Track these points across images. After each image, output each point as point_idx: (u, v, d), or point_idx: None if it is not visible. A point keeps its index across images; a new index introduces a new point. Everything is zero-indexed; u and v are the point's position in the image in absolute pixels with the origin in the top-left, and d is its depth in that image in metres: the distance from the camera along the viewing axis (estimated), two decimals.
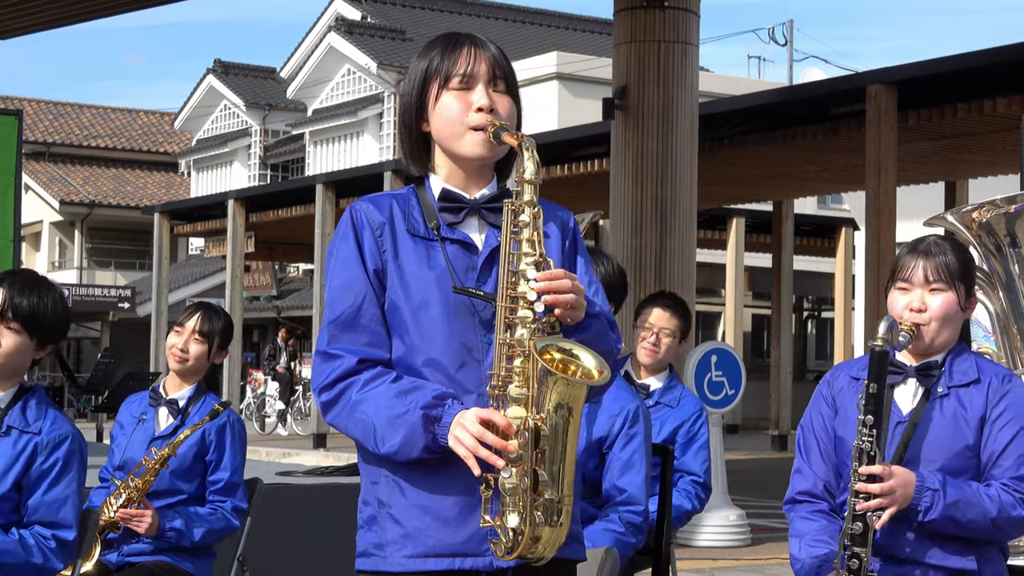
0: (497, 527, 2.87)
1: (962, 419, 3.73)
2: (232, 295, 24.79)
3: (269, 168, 43.64)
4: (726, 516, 11.41)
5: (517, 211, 2.94)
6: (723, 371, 11.33)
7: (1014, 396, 3.74)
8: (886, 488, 3.59)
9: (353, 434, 3.03)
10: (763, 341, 34.56)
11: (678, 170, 12.60)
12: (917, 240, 3.88)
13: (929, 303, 3.76)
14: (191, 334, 5.32)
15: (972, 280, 3.85)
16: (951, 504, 3.61)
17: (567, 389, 2.83)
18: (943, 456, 3.71)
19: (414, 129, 3.12)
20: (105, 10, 13.17)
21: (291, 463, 20.90)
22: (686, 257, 12.81)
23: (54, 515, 4.03)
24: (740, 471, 16.87)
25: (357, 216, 3.08)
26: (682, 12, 12.66)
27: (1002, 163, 16.92)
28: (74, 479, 4.07)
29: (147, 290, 36.35)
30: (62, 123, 48.88)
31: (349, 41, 38.43)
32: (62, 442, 4.05)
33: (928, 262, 3.77)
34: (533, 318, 2.88)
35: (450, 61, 3.06)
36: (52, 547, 4.02)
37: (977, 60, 13.27)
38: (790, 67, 42.12)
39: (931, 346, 3.78)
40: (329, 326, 3.05)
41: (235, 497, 5.28)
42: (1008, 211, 5.21)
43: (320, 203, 22.40)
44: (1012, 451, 3.70)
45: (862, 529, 3.63)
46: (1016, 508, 3.67)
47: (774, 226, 23.35)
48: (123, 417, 5.42)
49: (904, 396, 3.81)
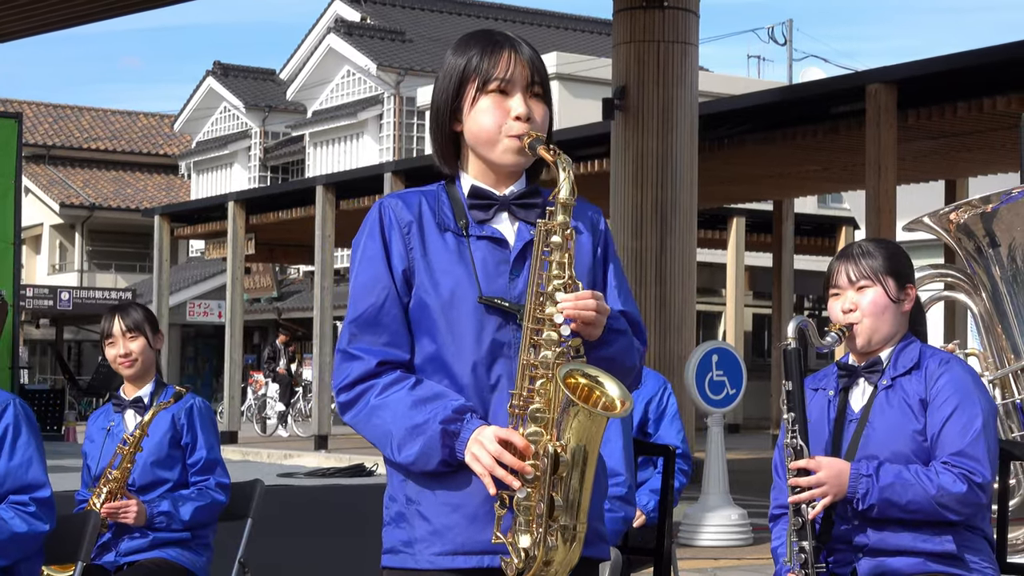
0: (508, 544, 2.86)
1: (906, 405, 3.82)
2: (232, 297, 24.79)
3: (269, 170, 43.63)
4: (727, 515, 11.40)
5: (550, 231, 2.92)
6: (724, 371, 11.33)
7: (950, 376, 3.81)
8: (813, 481, 3.72)
9: (370, 438, 3.02)
10: (764, 340, 34.57)
11: (678, 170, 12.61)
12: (843, 248, 4.04)
13: (858, 301, 3.89)
14: (122, 337, 5.35)
15: (903, 272, 3.95)
16: (886, 487, 3.69)
17: (588, 421, 2.82)
18: (895, 445, 3.79)
19: (447, 128, 3.08)
20: (104, 12, 13.16)
21: (292, 465, 20.89)
22: (686, 256, 12.81)
23: (23, 478, 4.03)
24: (741, 471, 16.85)
25: (386, 213, 3.05)
26: (681, 12, 12.66)
27: (1002, 161, 16.93)
28: (30, 440, 4.07)
29: (148, 292, 36.31)
30: (62, 126, 48.88)
31: (348, 42, 38.43)
32: (4, 409, 4.06)
33: (849, 264, 3.93)
34: (559, 339, 2.87)
35: (489, 63, 3.01)
36: (32, 511, 4.02)
37: (977, 59, 13.28)
38: (790, 66, 42.15)
39: (870, 343, 3.90)
40: (350, 324, 3.03)
41: (216, 474, 5.31)
42: (985, 211, 5.21)
43: (320, 205, 22.39)
44: (950, 428, 3.77)
45: (801, 523, 3.75)
46: (957, 484, 3.71)
47: (774, 225, 23.35)
48: (91, 431, 5.45)
49: (857, 397, 3.92)
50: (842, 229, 24.92)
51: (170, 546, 5.19)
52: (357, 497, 7.58)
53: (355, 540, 7.28)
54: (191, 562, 5.22)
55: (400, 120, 37.77)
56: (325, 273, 22.79)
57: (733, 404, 11.54)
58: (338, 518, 7.31)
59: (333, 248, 23.09)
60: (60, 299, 37.33)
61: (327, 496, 7.57)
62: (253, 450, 23.09)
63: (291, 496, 7.43)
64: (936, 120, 13.94)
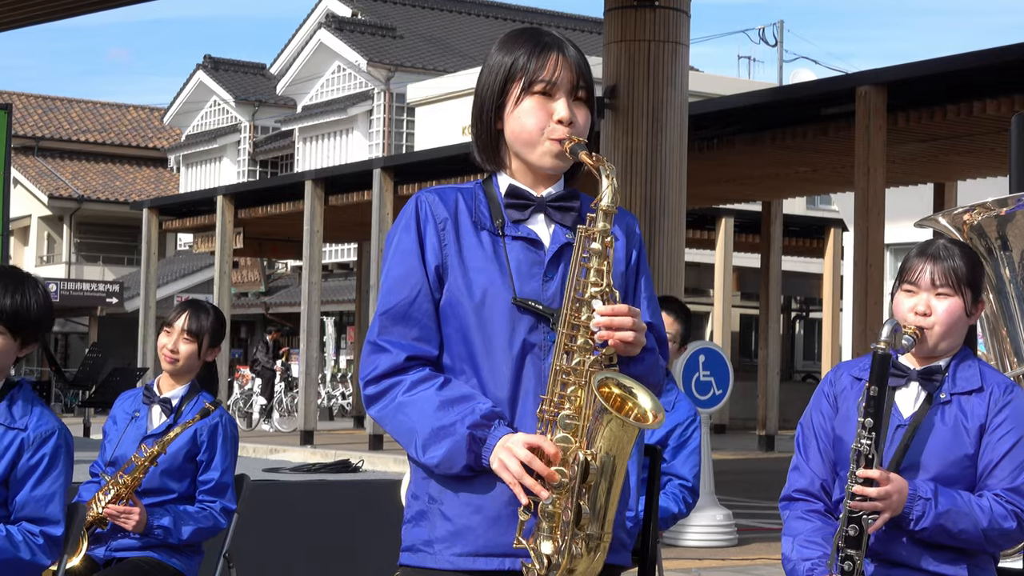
0: (530, 550, 2.84)
1: (963, 427, 3.71)
2: (220, 291, 24.75)
3: (258, 164, 43.59)
4: (713, 516, 11.41)
5: (590, 238, 2.90)
6: (711, 371, 11.34)
7: (1015, 407, 3.72)
8: (882, 493, 3.58)
9: (394, 434, 3.00)
10: (751, 341, 34.61)
11: (667, 170, 12.60)
12: (926, 243, 3.85)
13: (935, 307, 3.74)
14: (180, 333, 5.32)
15: (980, 286, 3.81)
16: (942, 514, 3.60)
17: (620, 430, 2.80)
18: (941, 463, 3.70)
19: (491, 126, 3.06)
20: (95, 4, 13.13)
21: (278, 460, 20.84)
22: (674, 257, 12.80)
23: (42, 511, 4.01)
24: (727, 471, 16.87)
25: (422, 208, 3.03)
26: (672, 12, 12.65)
27: (991, 165, 16.95)
28: (61, 474, 4.06)
29: (135, 285, 36.27)
30: (51, 117, 48.77)
31: (339, 38, 38.38)
32: (49, 437, 4.03)
33: (936, 266, 3.75)
34: (592, 347, 2.86)
35: (537, 64, 2.99)
36: (40, 543, 4.00)
37: (967, 62, 13.29)
38: (780, 67, 42.17)
39: (934, 350, 3.76)
40: (381, 316, 3.01)
41: (224, 497, 5.28)
42: (999, 214, 5.20)
43: (309, 200, 22.35)
44: (1008, 462, 3.69)
45: (857, 532, 3.61)
46: (1007, 520, 3.66)
47: (763, 226, 23.37)
48: (117, 412, 5.42)
49: (906, 399, 3.79)
50: (830, 231, 24.95)
51: (162, 548, 5.18)
52: (343, 493, 7.57)
53: (340, 535, 7.28)
54: (181, 564, 5.21)
55: (390, 116, 37.74)
56: (313, 268, 22.76)
57: (719, 405, 11.56)
58: (323, 513, 7.31)
59: (321, 243, 23.07)
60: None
61: (312, 491, 7.56)
62: (239, 444, 23.04)
63: (276, 491, 7.41)
64: (926, 123, 13.94)
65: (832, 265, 24.91)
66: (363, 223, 22.41)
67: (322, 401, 31.22)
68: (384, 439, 21.19)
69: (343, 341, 35.82)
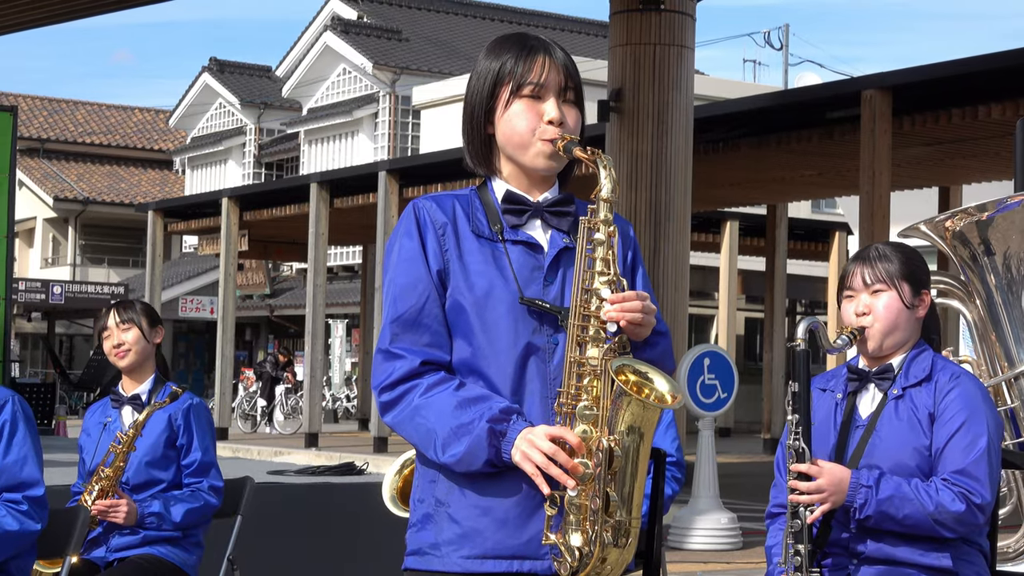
0: (560, 544, 2.83)
1: (915, 418, 3.79)
2: (225, 293, 24.76)
3: (263, 167, 43.60)
4: (717, 519, 11.40)
5: (592, 229, 2.91)
6: (716, 374, 11.33)
7: (959, 391, 3.78)
8: (813, 487, 3.68)
9: (411, 438, 2.98)
10: (756, 344, 34.57)
11: (672, 173, 12.59)
12: (860, 249, 3.99)
13: (872, 305, 3.85)
14: (116, 328, 5.35)
15: (919, 279, 3.90)
16: (884, 500, 3.67)
17: (641, 411, 2.81)
18: (900, 457, 3.77)
19: (482, 131, 3.08)
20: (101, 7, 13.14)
21: (282, 462, 20.86)
22: (680, 260, 12.80)
23: (18, 475, 4.02)
24: (732, 474, 16.86)
25: (420, 214, 3.04)
26: (678, 15, 12.65)
27: (996, 169, 16.94)
28: (27, 436, 4.05)
29: (140, 287, 36.25)
30: (57, 120, 48.82)
31: (345, 40, 38.41)
32: (3, 406, 4.04)
33: (866, 267, 3.88)
34: (605, 337, 2.86)
35: (524, 67, 3.01)
36: (24, 509, 4.01)
37: (972, 66, 13.28)
38: (785, 71, 42.19)
39: (882, 348, 3.86)
40: (392, 324, 3.00)
41: (209, 476, 5.31)
42: (980, 219, 5.19)
43: (314, 202, 22.37)
44: (954, 446, 3.74)
45: (799, 526, 3.72)
46: (955, 503, 3.69)
47: (768, 230, 23.37)
48: (88, 425, 5.44)
49: (865, 402, 3.89)
50: (835, 234, 24.94)
51: (161, 543, 5.20)
52: (347, 495, 7.57)
53: (344, 538, 7.28)
54: (181, 560, 5.22)
55: (395, 119, 37.76)
56: (318, 270, 22.77)
57: (724, 408, 11.54)
58: (327, 516, 7.31)
59: (326, 245, 23.07)
60: (52, 293, 37.29)
61: (317, 494, 7.56)
62: (244, 447, 23.07)
63: (281, 493, 7.42)
64: (931, 127, 13.94)
65: (837, 269, 24.88)
66: (368, 226, 22.43)
67: (327, 403, 31.24)
68: (388, 441, 21.19)
69: (348, 344, 35.83)
